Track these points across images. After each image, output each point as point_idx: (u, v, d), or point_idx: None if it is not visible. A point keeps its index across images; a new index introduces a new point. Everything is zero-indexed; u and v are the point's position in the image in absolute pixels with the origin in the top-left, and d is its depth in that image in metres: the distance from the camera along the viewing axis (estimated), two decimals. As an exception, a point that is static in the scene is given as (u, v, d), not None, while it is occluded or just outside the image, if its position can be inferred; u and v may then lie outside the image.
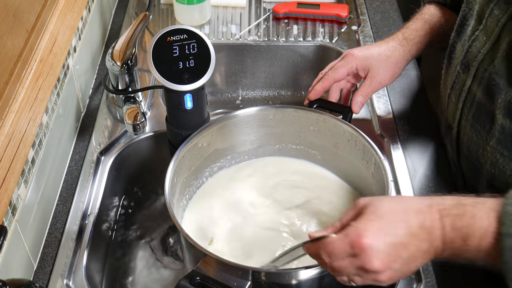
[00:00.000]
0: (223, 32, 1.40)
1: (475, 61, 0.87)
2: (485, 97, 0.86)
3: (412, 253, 0.70)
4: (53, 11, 1.00)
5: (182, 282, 0.78)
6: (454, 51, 0.96)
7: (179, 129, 0.97)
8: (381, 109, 1.18)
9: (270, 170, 1.06)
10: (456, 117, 0.94)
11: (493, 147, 0.85)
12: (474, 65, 0.87)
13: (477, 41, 0.87)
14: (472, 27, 0.90)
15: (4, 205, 0.79)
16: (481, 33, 0.86)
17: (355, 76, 1.06)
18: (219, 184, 1.05)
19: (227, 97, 1.44)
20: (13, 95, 0.84)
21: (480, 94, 0.87)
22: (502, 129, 0.83)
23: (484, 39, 0.86)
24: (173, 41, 0.90)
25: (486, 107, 0.86)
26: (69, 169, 1.08)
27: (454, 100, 0.94)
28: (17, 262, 0.86)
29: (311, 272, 0.80)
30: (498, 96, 0.82)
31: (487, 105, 0.85)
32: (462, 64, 0.91)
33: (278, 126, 1.03)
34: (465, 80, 0.90)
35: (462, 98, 0.91)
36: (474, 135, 0.89)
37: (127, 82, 1.13)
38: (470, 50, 0.89)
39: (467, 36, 0.92)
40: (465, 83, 0.90)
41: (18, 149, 0.83)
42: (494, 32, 0.83)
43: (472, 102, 0.89)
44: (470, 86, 0.89)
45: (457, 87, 0.93)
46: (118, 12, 1.47)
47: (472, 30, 0.90)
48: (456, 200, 0.71)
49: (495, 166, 0.86)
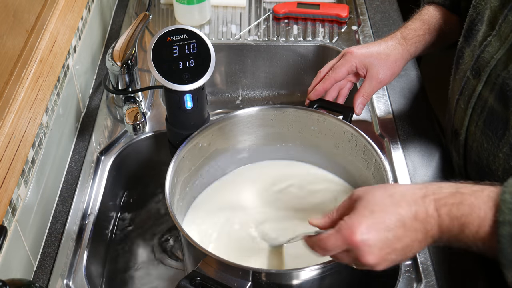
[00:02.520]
0: (223, 32, 1.40)
1: (487, 66, 0.86)
2: (498, 103, 0.85)
3: (406, 244, 0.70)
4: (53, 11, 1.00)
5: (183, 282, 0.78)
6: (463, 57, 0.96)
7: (179, 129, 0.97)
8: (381, 109, 1.18)
9: (270, 170, 1.06)
10: (465, 123, 0.93)
11: (506, 153, 0.84)
12: (486, 70, 0.87)
13: (490, 47, 0.86)
14: (484, 32, 0.89)
15: (4, 205, 0.79)
16: (494, 39, 0.86)
17: (355, 75, 1.06)
18: (219, 184, 1.04)
19: (227, 97, 1.44)
20: (13, 95, 0.84)
21: (493, 100, 0.86)
22: None
23: (498, 44, 0.85)
24: (173, 41, 0.90)
25: (499, 113, 0.85)
26: (69, 169, 1.08)
27: (462, 106, 0.93)
28: (17, 262, 0.86)
29: (312, 272, 0.80)
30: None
31: (500, 111, 0.85)
32: (473, 70, 0.90)
33: (279, 126, 1.03)
34: (475, 85, 0.89)
35: (471, 104, 0.90)
36: (485, 142, 0.88)
37: (127, 82, 1.13)
38: (482, 56, 0.88)
39: (477, 42, 0.91)
40: (476, 89, 0.89)
41: (18, 149, 0.83)
42: (508, 38, 0.83)
43: (483, 108, 0.88)
44: (481, 91, 0.88)
45: (467, 93, 0.92)
46: (118, 12, 1.47)
47: (483, 36, 0.89)
48: (453, 187, 0.71)
49: (508, 173, 0.85)
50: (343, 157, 1.00)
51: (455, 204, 0.69)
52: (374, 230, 0.69)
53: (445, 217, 0.69)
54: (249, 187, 1.03)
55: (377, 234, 0.69)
